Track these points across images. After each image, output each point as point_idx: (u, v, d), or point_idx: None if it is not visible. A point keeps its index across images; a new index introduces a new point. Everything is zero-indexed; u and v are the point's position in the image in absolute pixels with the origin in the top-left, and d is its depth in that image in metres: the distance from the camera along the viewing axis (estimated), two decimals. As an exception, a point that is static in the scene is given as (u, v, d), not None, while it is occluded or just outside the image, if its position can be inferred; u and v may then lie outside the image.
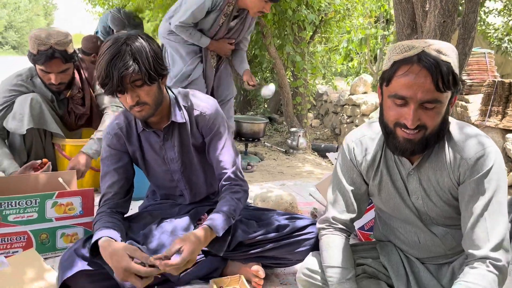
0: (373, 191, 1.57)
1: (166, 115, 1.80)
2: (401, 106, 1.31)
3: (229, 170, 1.81)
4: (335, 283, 1.45)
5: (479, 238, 1.31)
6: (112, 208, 1.80)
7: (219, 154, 1.83)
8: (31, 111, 2.55)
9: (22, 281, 1.66)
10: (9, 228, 1.90)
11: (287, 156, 4.44)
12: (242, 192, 1.82)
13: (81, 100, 2.82)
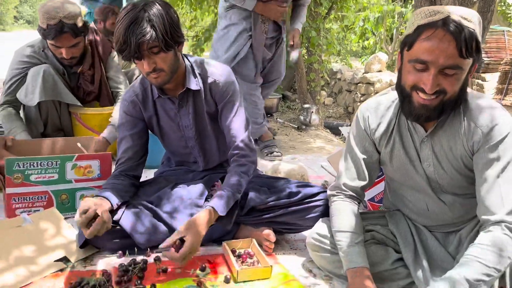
0: (384, 159, 1.60)
1: (181, 82, 1.83)
2: (421, 71, 1.31)
3: (239, 139, 1.84)
4: (344, 247, 1.50)
5: (494, 204, 1.32)
6: (125, 171, 1.88)
7: (230, 122, 1.86)
8: (43, 83, 2.58)
9: (44, 237, 1.74)
10: (31, 187, 1.98)
11: (299, 132, 4.46)
12: (249, 164, 1.84)
13: (91, 78, 2.84)
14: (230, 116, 1.86)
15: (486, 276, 1.24)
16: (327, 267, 1.66)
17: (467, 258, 1.29)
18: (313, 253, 1.70)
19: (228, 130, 1.87)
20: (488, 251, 1.26)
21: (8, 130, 2.58)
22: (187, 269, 1.68)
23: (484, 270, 1.24)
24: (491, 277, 1.25)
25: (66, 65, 2.72)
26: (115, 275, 1.58)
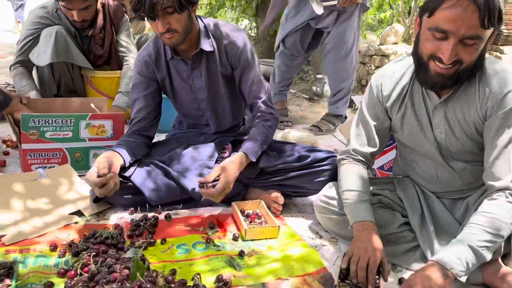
0: (396, 126, 1.60)
1: (195, 44, 1.83)
2: (440, 39, 1.28)
3: (261, 100, 1.90)
4: (350, 204, 1.52)
5: (500, 170, 1.33)
6: (138, 131, 1.91)
7: (251, 83, 1.90)
8: (56, 44, 2.59)
9: (59, 192, 1.79)
10: (46, 144, 2.02)
11: (311, 103, 4.44)
12: (273, 120, 1.91)
13: (101, 41, 2.84)
14: (250, 78, 1.89)
15: (489, 242, 1.26)
16: (333, 228, 1.69)
17: (471, 226, 1.30)
18: (320, 215, 1.73)
19: (249, 92, 1.91)
20: (491, 219, 1.28)
21: (18, 89, 2.62)
22: (196, 226, 1.72)
23: (487, 237, 1.26)
24: (494, 243, 1.27)
25: (78, 28, 2.73)
26: (127, 229, 1.63)
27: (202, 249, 1.56)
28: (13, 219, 1.57)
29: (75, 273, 1.29)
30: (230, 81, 1.95)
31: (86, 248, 1.43)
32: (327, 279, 1.43)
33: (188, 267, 1.44)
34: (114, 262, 1.28)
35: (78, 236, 1.57)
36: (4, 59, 5.88)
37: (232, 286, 1.35)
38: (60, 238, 1.54)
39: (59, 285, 1.28)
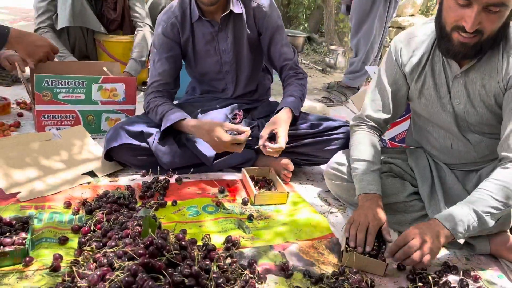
0: (413, 94, 1.57)
1: (222, 6, 1.83)
2: (463, 6, 1.24)
3: (291, 61, 1.95)
4: (359, 174, 1.52)
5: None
6: (165, 96, 1.91)
7: (281, 46, 1.93)
8: (73, 8, 2.58)
9: (72, 152, 1.81)
10: (59, 106, 2.04)
11: (324, 74, 4.39)
12: (305, 79, 1.97)
13: (114, 5, 2.81)
14: (280, 41, 1.93)
15: (495, 209, 1.26)
16: (342, 195, 1.70)
17: (478, 191, 1.30)
18: (329, 182, 1.74)
19: (280, 54, 1.94)
20: (500, 186, 1.27)
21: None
22: (206, 190, 1.75)
23: (493, 203, 1.26)
24: (499, 210, 1.27)
25: None
26: (139, 191, 1.66)
27: (212, 212, 1.59)
28: (28, 177, 1.60)
29: (88, 229, 1.32)
30: (254, 45, 1.95)
31: (99, 207, 1.47)
32: (334, 244, 1.45)
33: (198, 228, 1.47)
34: (126, 220, 1.31)
35: (91, 195, 1.60)
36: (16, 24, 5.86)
37: (240, 247, 1.37)
38: (74, 197, 1.57)
39: (73, 240, 1.32)
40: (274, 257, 1.35)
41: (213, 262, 1.16)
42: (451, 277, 1.31)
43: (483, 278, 1.33)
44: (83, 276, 1.03)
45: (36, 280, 1.13)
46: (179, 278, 0.96)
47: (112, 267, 0.99)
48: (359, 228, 1.35)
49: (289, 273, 1.26)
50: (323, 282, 1.19)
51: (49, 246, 1.27)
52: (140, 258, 0.98)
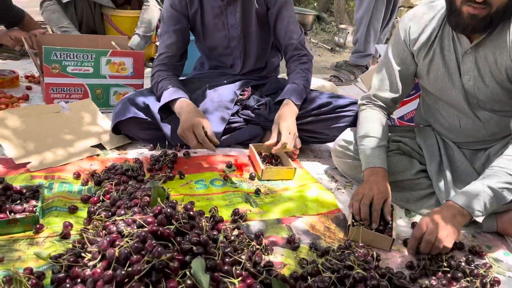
0: (421, 71, 1.55)
1: None
2: None
3: (297, 40, 1.89)
4: (365, 149, 1.52)
5: None
6: (171, 70, 1.90)
7: (288, 23, 1.88)
8: None
9: (81, 125, 1.82)
10: (68, 79, 2.04)
11: (333, 53, 4.34)
12: (309, 62, 1.92)
13: None
14: (286, 18, 1.88)
15: (510, 184, 1.25)
16: (349, 172, 1.70)
17: (492, 168, 1.29)
18: (336, 159, 1.73)
19: (285, 32, 1.89)
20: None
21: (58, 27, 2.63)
22: (214, 164, 1.75)
23: (507, 179, 1.25)
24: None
25: None
26: (147, 164, 1.67)
27: (220, 186, 1.60)
28: (38, 148, 1.62)
29: (97, 199, 1.34)
30: (262, 21, 1.92)
31: (107, 178, 1.48)
32: (340, 219, 1.46)
33: (205, 201, 1.48)
34: (135, 190, 1.32)
35: (99, 167, 1.61)
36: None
37: (247, 220, 1.38)
38: (83, 168, 1.58)
39: (83, 210, 1.33)
40: (281, 230, 1.36)
41: (220, 233, 1.17)
42: (457, 253, 1.32)
43: (489, 255, 1.33)
44: (93, 242, 1.04)
45: (46, 247, 1.15)
46: (187, 245, 0.97)
47: (121, 234, 1.01)
48: (362, 201, 1.36)
49: (296, 245, 1.27)
50: (329, 254, 1.19)
51: (59, 215, 1.29)
52: (149, 226, 0.99)
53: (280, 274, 1.08)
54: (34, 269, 1.03)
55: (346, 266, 1.11)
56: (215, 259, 0.98)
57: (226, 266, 1.01)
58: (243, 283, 1.00)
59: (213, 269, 0.97)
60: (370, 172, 1.45)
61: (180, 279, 0.92)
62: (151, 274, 0.90)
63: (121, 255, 0.91)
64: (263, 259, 1.17)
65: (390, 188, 1.42)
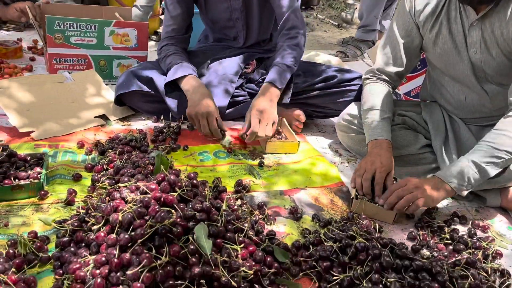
0: (427, 44, 1.52)
1: None
2: None
3: (289, 10, 1.79)
4: (369, 122, 1.50)
5: None
6: (178, 44, 1.88)
7: None
8: None
9: (84, 95, 1.81)
10: (71, 49, 2.02)
11: (339, 29, 4.27)
12: (299, 36, 1.81)
13: None
14: None
15: (496, 158, 1.23)
16: (353, 146, 1.69)
17: (479, 143, 1.28)
18: (341, 133, 1.72)
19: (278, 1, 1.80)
20: (502, 135, 1.24)
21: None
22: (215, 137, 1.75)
23: (494, 152, 1.23)
24: (501, 159, 1.24)
25: None
26: (150, 135, 1.67)
27: (223, 157, 1.60)
28: (41, 117, 1.61)
29: (101, 168, 1.34)
30: None
31: (111, 148, 1.48)
32: (344, 192, 1.46)
33: (209, 172, 1.48)
34: (139, 159, 1.32)
35: (103, 137, 1.61)
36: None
37: (250, 191, 1.39)
38: (87, 138, 1.58)
39: (87, 178, 1.34)
40: (284, 201, 1.36)
41: (223, 202, 1.18)
42: (459, 227, 1.32)
43: (492, 229, 1.33)
44: (96, 208, 1.05)
45: (51, 213, 1.16)
46: (190, 212, 0.98)
47: (124, 200, 1.01)
48: (364, 176, 1.35)
49: (298, 216, 1.27)
50: (332, 225, 1.20)
51: (63, 182, 1.29)
52: (152, 192, 0.99)
53: (282, 243, 1.09)
54: (39, 233, 1.05)
55: (348, 236, 1.11)
56: (217, 226, 0.99)
57: (228, 233, 1.01)
58: (246, 250, 1.00)
59: (215, 235, 0.97)
60: (374, 145, 1.44)
61: (183, 244, 0.92)
62: (154, 239, 0.90)
63: (125, 220, 0.92)
64: (266, 229, 1.17)
65: (393, 160, 1.41)
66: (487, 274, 1.07)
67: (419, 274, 0.99)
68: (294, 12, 1.79)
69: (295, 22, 1.79)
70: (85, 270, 0.88)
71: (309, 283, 1.02)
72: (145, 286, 0.84)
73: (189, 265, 0.90)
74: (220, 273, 0.90)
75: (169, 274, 0.87)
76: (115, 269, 0.86)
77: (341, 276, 0.99)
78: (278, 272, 1.00)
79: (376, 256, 1.01)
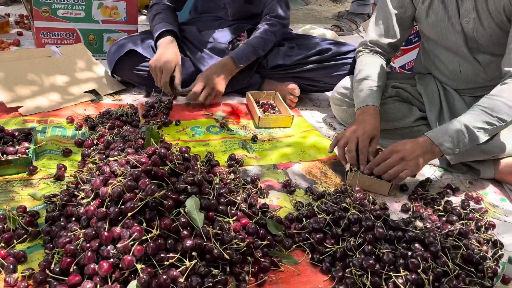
0: (420, 15, 1.49)
1: None
2: None
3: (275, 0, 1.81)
4: (358, 91, 1.48)
5: None
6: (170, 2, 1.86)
7: None
8: None
9: (74, 70, 1.77)
10: (59, 23, 1.97)
11: (334, 3, 4.20)
12: (279, 26, 1.83)
13: None
14: None
15: (488, 124, 1.21)
16: (347, 120, 1.68)
17: (473, 107, 1.26)
18: (335, 107, 1.70)
19: None
20: (496, 101, 1.22)
21: None
22: (211, 112, 1.72)
23: (486, 118, 1.21)
24: (493, 126, 1.22)
25: None
26: (142, 110, 1.64)
27: (216, 132, 1.58)
28: (30, 92, 1.58)
29: (91, 143, 1.32)
30: None
31: (101, 123, 1.45)
32: (337, 165, 1.45)
33: (201, 147, 1.46)
34: (129, 134, 1.30)
35: (93, 113, 1.58)
36: None
37: (244, 165, 1.37)
38: (76, 113, 1.56)
39: (77, 153, 1.32)
40: (277, 175, 1.35)
41: (216, 176, 1.16)
42: (453, 198, 1.32)
43: (485, 200, 1.33)
44: (86, 182, 1.03)
45: (40, 188, 1.14)
46: (181, 185, 0.96)
47: (114, 174, 0.99)
48: (347, 147, 1.32)
49: (292, 189, 1.26)
50: (325, 198, 1.19)
51: (52, 157, 1.27)
52: (142, 166, 0.97)
53: (275, 216, 1.08)
54: (28, 209, 1.03)
55: (341, 208, 1.10)
56: (209, 199, 0.98)
57: (221, 206, 1.00)
58: (238, 222, 0.99)
59: (207, 208, 0.96)
60: (360, 112, 1.42)
61: (174, 218, 0.91)
62: (144, 212, 0.89)
63: (114, 193, 0.90)
64: (259, 202, 1.16)
65: (379, 126, 1.38)
66: (479, 244, 1.08)
67: (412, 245, 0.99)
68: (280, 2, 1.83)
69: (280, 12, 1.83)
70: (75, 244, 0.87)
71: (302, 255, 1.02)
72: (136, 259, 0.83)
73: (180, 238, 0.89)
74: (212, 246, 0.89)
75: (160, 247, 0.86)
76: (105, 243, 0.85)
77: (334, 248, 0.99)
78: (271, 244, 1.00)
79: (369, 227, 1.01)
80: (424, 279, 0.91)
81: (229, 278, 0.90)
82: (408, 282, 0.91)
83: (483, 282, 0.97)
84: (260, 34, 1.79)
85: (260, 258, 0.95)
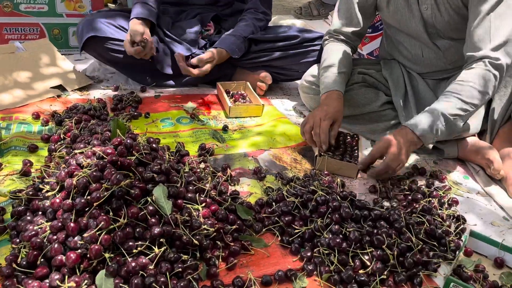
0: (381, 3, 1.52)
1: None
2: None
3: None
4: (323, 77, 1.51)
5: (481, 39, 1.28)
6: None
7: None
8: None
9: (39, 65, 1.73)
10: (22, 18, 1.92)
11: (305, -6, 4.21)
12: (265, 21, 1.90)
13: None
14: None
15: (462, 111, 1.25)
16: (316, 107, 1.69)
17: (446, 94, 1.29)
18: (304, 95, 1.72)
19: None
20: (467, 87, 1.26)
21: None
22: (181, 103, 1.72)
23: (461, 105, 1.25)
24: (467, 112, 1.27)
25: None
26: (110, 104, 1.62)
27: (186, 123, 1.58)
28: (-7, 90, 1.54)
29: (58, 138, 1.30)
30: None
31: (69, 117, 1.43)
32: (307, 151, 1.47)
33: (171, 138, 1.46)
34: (96, 126, 1.28)
35: (60, 108, 1.56)
36: None
37: (214, 154, 1.38)
38: (43, 109, 1.53)
39: (43, 149, 1.30)
40: (248, 162, 1.36)
41: (185, 166, 1.16)
42: (419, 178, 1.36)
43: (449, 179, 1.38)
44: (52, 175, 1.02)
45: (6, 184, 1.12)
46: (148, 174, 0.96)
47: (80, 166, 0.98)
48: (314, 130, 1.36)
49: (262, 176, 1.28)
50: (294, 182, 1.21)
51: (18, 154, 1.25)
52: (108, 156, 0.97)
53: (246, 202, 1.10)
54: (-6, 205, 1.01)
55: (309, 191, 1.12)
56: (177, 187, 0.98)
57: (189, 193, 1.01)
58: (208, 209, 1.00)
59: (175, 196, 0.97)
60: (325, 97, 1.45)
61: (142, 206, 0.91)
62: (111, 202, 0.89)
63: (80, 184, 0.89)
64: (229, 189, 1.18)
65: (342, 109, 1.41)
66: (442, 220, 1.12)
67: (377, 223, 1.02)
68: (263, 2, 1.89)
69: (265, 9, 1.90)
70: (41, 236, 0.86)
71: (272, 238, 1.04)
72: (104, 248, 0.83)
73: (149, 226, 0.89)
74: (181, 232, 0.90)
75: (128, 236, 0.86)
76: (72, 234, 0.84)
77: (302, 229, 1.01)
78: (240, 229, 1.01)
79: (336, 208, 1.04)
80: (389, 254, 0.94)
81: (199, 263, 0.91)
82: (374, 258, 0.94)
83: (445, 255, 1.01)
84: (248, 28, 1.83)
85: (230, 243, 0.96)
